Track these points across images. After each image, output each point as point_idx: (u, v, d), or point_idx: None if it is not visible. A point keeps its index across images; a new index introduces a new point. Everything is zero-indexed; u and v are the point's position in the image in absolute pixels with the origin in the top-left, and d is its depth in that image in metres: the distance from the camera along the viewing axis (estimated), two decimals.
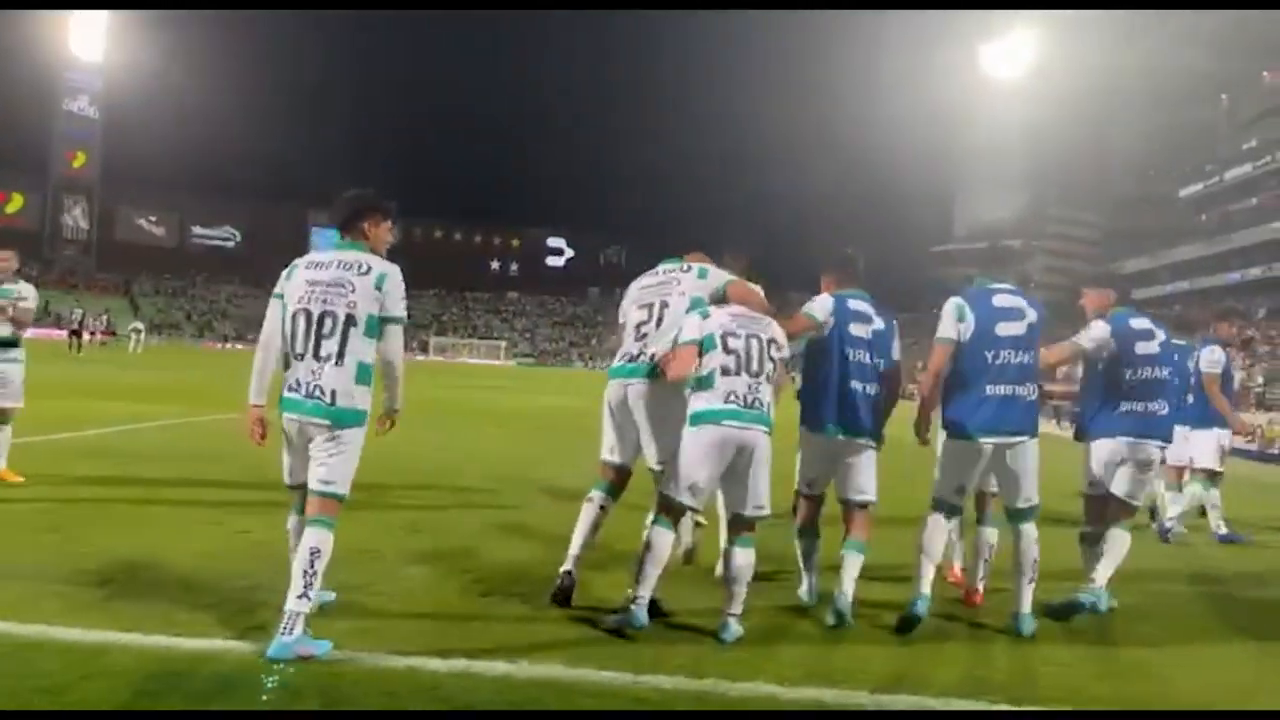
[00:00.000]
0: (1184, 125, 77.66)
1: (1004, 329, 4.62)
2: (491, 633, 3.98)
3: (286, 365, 3.84)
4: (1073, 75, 74.67)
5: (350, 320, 3.76)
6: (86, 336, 38.94)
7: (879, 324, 4.82)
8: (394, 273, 3.93)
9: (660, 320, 4.55)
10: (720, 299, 4.49)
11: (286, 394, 3.80)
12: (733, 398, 4.10)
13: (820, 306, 4.80)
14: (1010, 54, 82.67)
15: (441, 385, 28.91)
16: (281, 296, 3.89)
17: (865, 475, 4.75)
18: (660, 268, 4.84)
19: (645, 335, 4.55)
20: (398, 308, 3.90)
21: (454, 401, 20.77)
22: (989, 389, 4.57)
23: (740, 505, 4.22)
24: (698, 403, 4.17)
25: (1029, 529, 4.64)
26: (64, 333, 39.21)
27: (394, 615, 4.15)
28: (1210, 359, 7.84)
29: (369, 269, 3.85)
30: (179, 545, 5.19)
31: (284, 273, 3.95)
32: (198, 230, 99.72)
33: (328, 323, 3.75)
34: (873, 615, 4.62)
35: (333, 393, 3.72)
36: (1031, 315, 4.70)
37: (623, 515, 4.74)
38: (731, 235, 6.18)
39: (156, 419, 11.70)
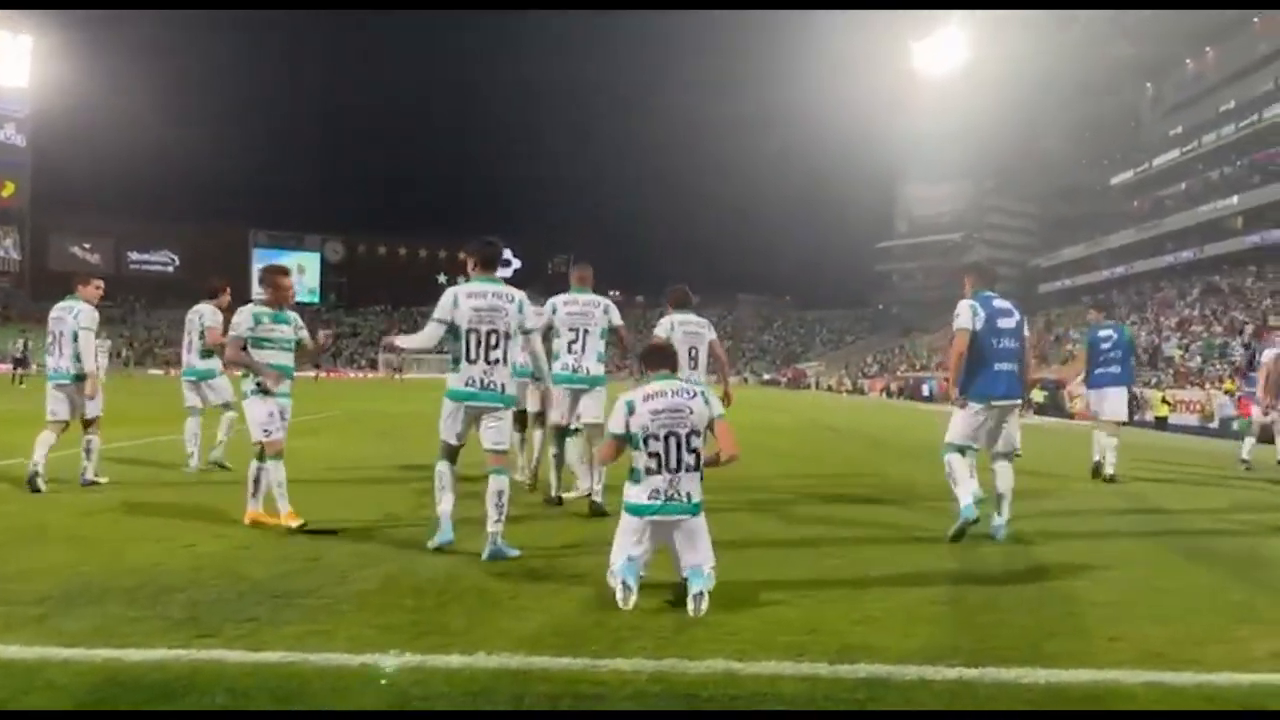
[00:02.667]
0: (1111, 114, 79.57)
1: (1003, 323, 6.39)
2: (446, 628, 3.91)
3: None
4: (1002, 69, 76.04)
5: (507, 334, 5.54)
6: (35, 367, 37.92)
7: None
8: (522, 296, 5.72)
9: (584, 346, 7.11)
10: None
11: (464, 388, 5.47)
12: (655, 494, 4.48)
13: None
14: (941, 51, 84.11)
15: (393, 399, 28.63)
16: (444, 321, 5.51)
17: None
18: (580, 298, 7.18)
19: (575, 353, 7.11)
20: (532, 321, 5.80)
21: (406, 415, 20.53)
22: (996, 366, 6.29)
23: (681, 569, 4.45)
24: (628, 494, 4.57)
25: (1008, 466, 6.42)
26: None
27: (345, 617, 4.05)
28: None
29: (514, 298, 5.63)
30: (120, 561, 5.03)
31: (449, 302, 5.55)
32: (135, 256, 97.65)
33: (494, 337, 5.50)
34: (824, 588, 4.65)
35: (503, 385, 5.54)
36: (1017, 315, 6.52)
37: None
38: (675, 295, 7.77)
39: (105, 443, 11.36)
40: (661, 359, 4.89)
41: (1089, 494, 8.98)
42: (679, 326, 7.42)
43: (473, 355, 5.44)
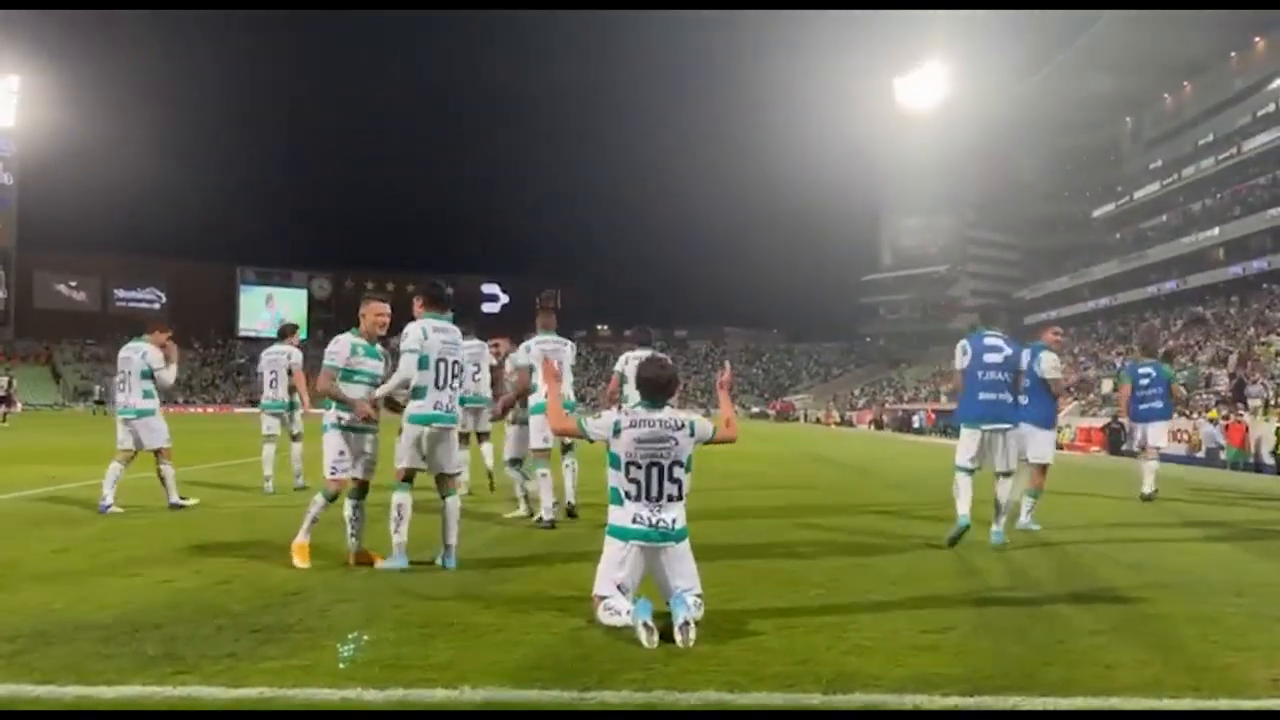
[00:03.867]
0: (1092, 148, 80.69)
1: (989, 358, 7.22)
2: (430, 661, 3.81)
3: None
4: (983, 104, 77.00)
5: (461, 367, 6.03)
6: (19, 406, 37.92)
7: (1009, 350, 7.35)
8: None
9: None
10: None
11: (432, 411, 5.83)
12: (637, 520, 4.46)
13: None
14: (923, 86, 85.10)
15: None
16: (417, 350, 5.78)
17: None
18: (550, 339, 8.11)
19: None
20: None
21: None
22: (981, 395, 7.17)
23: (667, 593, 4.44)
24: (612, 516, 4.56)
25: (1007, 482, 7.21)
26: None
27: (326, 651, 3.95)
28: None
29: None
30: (94, 598, 4.91)
31: (420, 335, 5.80)
32: (121, 293, 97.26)
33: (456, 367, 5.96)
34: (813, 617, 4.58)
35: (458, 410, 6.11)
36: (1006, 349, 7.29)
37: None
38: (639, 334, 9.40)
39: (76, 480, 11.23)
40: (656, 386, 4.73)
41: (1074, 529, 8.92)
42: (632, 361, 8.44)
43: (440, 383, 5.86)
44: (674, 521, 4.48)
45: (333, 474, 5.94)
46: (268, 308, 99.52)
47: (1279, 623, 4.72)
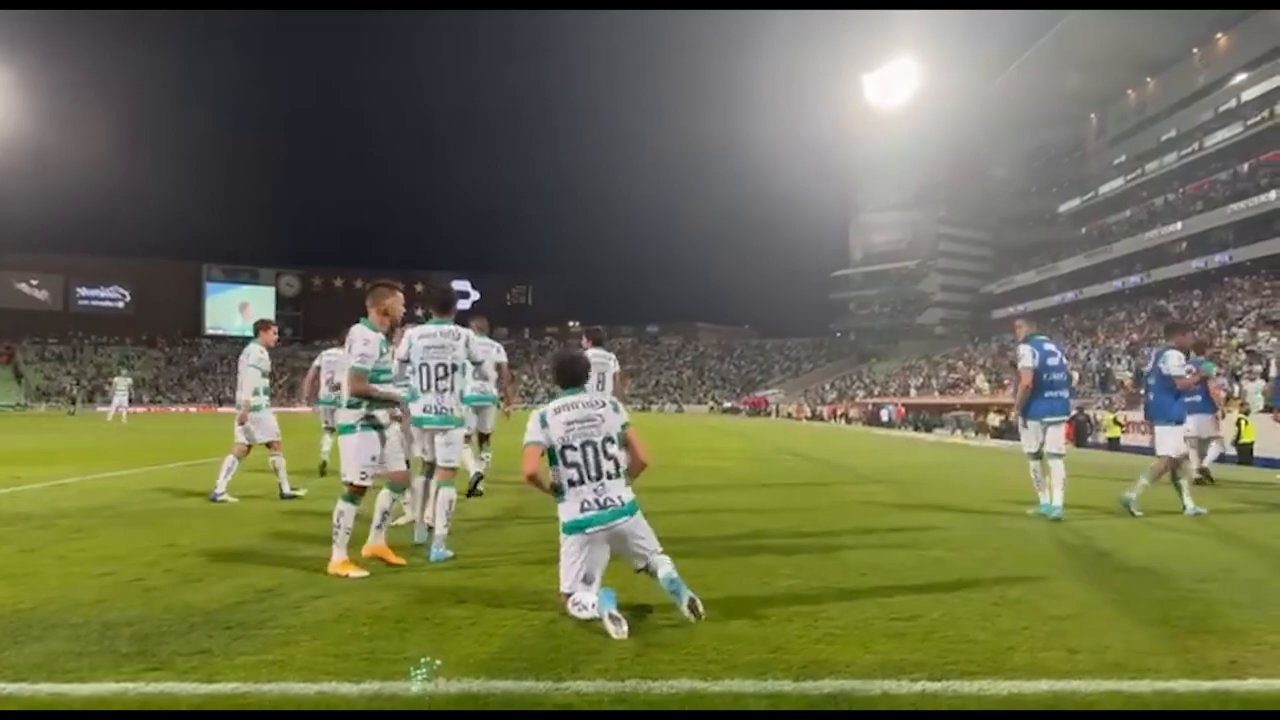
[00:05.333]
0: (1058, 144, 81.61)
1: (1051, 361, 8.47)
2: (404, 655, 3.83)
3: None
4: (951, 101, 77.65)
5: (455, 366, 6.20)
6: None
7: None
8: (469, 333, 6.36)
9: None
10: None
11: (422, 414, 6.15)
12: (586, 506, 4.56)
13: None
14: (892, 83, 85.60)
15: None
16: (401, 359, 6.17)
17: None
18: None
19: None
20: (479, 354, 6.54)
21: None
22: (1048, 394, 8.44)
23: (644, 560, 4.61)
24: (561, 513, 4.65)
25: (1059, 463, 8.42)
26: None
27: (300, 646, 3.96)
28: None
29: (460, 334, 6.25)
30: (65, 596, 4.89)
31: (405, 345, 6.21)
32: (84, 292, 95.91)
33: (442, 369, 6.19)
34: (784, 606, 4.64)
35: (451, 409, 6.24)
36: (1059, 353, 8.63)
37: None
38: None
39: (41, 480, 11.10)
40: (571, 374, 4.97)
41: (1037, 519, 9.06)
42: (592, 357, 8.65)
43: (426, 386, 6.18)
44: (619, 498, 4.61)
45: (362, 478, 5.71)
46: (241, 314, 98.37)
47: (1236, 608, 4.84)
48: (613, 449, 4.69)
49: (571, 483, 4.61)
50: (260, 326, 9.63)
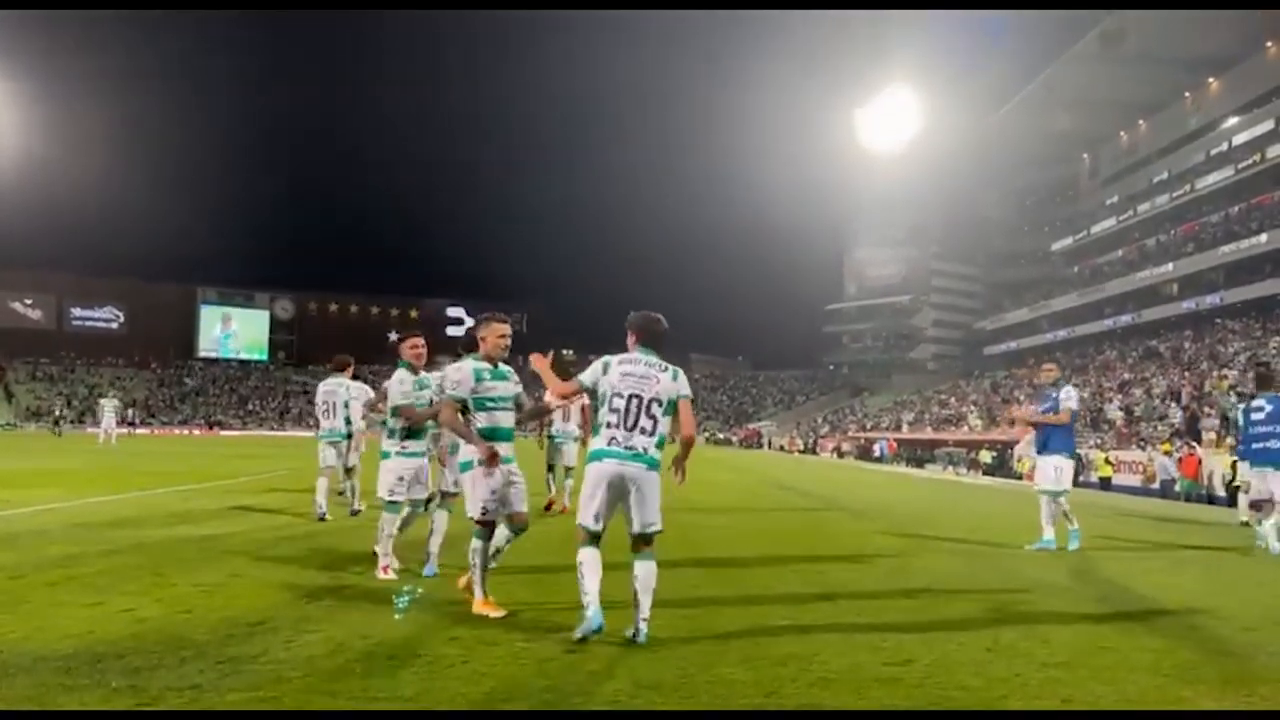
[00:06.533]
0: (1051, 183, 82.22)
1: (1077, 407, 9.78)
2: (398, 694, 3.81)
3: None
4: (945, 139, 78.24)
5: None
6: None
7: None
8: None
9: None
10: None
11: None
12: (613, 441, 4.86)
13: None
14: (886, 119, 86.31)
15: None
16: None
17: None
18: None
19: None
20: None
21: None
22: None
23: (634, 526, 4.84)
24: (591, 445, 5.04)
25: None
26: None
27: (292, 684, 3.93)
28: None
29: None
30: (55, 625, 4.85)
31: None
32: (78, 312, 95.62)
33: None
34: (776, 648, 4.63)
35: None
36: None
37: None
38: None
39: (29, 505, 11.03)
40: (651, 332, 5.19)
41: (1031, 558, 9.06)
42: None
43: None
44: (645, 449, 4.84)
45: (484, 514, 5.50)
46: (224, 327, 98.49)
47: (1229, 657, 4.84)
48: (656, 410, 4.90)
49: (608, 425, 4.88)
50: (344, 363, 10.86)
